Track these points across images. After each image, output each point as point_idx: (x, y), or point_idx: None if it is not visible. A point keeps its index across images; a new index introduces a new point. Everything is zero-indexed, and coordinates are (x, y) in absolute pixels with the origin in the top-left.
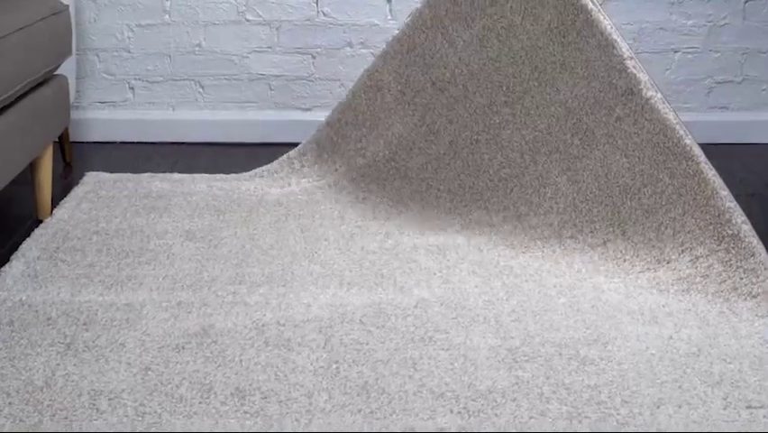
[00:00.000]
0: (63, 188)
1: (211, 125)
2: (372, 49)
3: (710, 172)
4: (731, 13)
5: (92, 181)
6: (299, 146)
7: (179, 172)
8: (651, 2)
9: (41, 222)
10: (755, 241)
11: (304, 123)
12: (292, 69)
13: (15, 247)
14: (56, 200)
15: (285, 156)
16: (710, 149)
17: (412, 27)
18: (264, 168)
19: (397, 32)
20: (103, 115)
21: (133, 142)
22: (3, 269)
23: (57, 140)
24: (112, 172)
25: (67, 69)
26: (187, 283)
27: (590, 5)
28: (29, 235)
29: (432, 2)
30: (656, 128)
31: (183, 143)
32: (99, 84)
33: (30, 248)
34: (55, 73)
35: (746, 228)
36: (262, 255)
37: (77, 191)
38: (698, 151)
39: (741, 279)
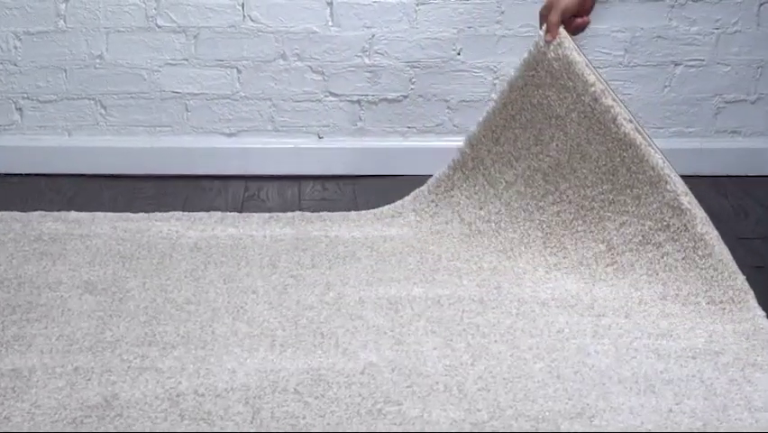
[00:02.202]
0: None
1: (115, 154)
2: (310, 61)
3: (753, 301)
4: (743, 19)
5: None
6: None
7: (77, 210)
8: (646, 5)
9: None
10: None
11: (226, 150)
12: (213, 85)
13: None
14: None
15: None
16: (718, 182)
17: (453, 168)
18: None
19: (437, 173)
20: None
21: (21, 174)
22: None
23: None
24: None
25: None
26: (86, 345)
27: (639, 140)
28: None
29: (473, 141)
30: (707, 263)
31: (81, 176)
32: None
33: None
34: None
35: None
36: (177, 311)
37: None
38: (747, 286)
39: (765, 359)
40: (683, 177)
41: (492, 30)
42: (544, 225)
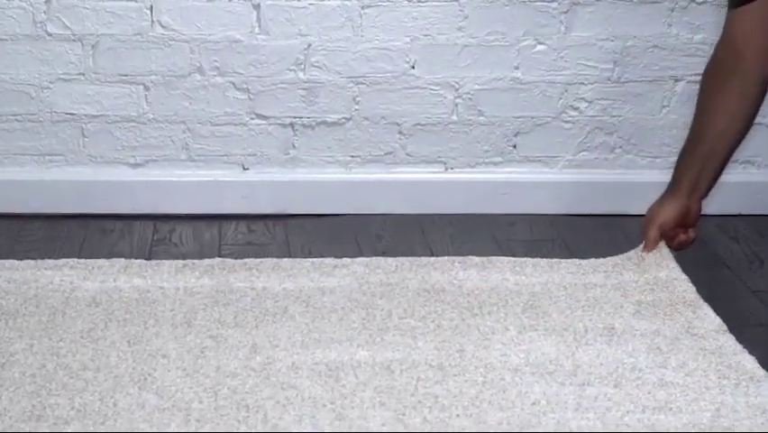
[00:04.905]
0: None
1: None
2: (232, 76)
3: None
4: None
5: None
6: None
7: None
8: (641, 8)
9: None
10: None
11: (131, 184)
12: (115, 105)
13: None
14: None
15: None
16: (728, 223)
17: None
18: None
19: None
20: None
21: None
22: None
23: None
24: None
25: None
26: None
27: (706, 307)
28: None
29: None
30: (738, 381)
31: None
32: None
33: None
34: None
35: None
36: (71, 379)
37: None
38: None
39: None
40: None
41: (453, 38)
42: (528, 303)
